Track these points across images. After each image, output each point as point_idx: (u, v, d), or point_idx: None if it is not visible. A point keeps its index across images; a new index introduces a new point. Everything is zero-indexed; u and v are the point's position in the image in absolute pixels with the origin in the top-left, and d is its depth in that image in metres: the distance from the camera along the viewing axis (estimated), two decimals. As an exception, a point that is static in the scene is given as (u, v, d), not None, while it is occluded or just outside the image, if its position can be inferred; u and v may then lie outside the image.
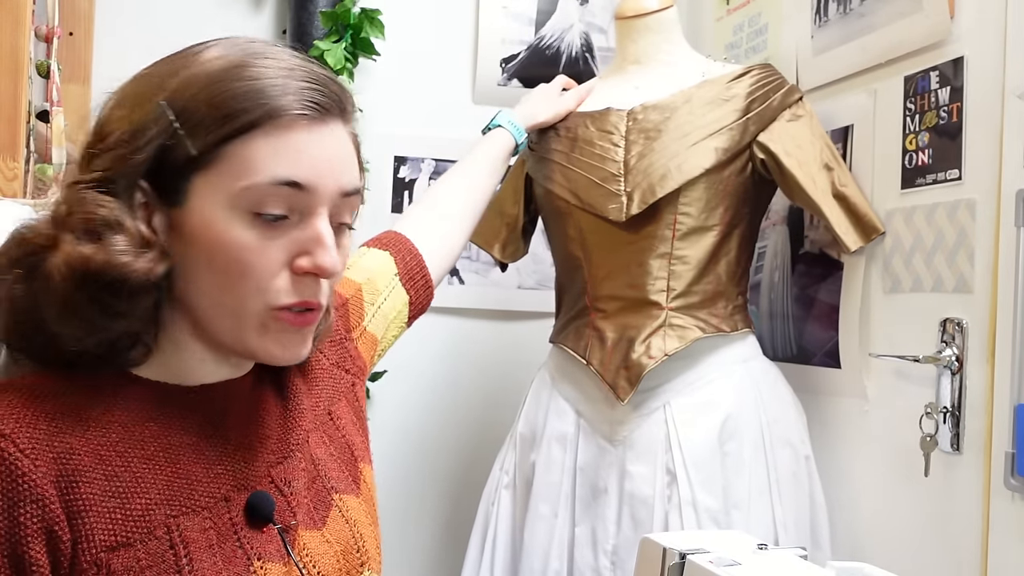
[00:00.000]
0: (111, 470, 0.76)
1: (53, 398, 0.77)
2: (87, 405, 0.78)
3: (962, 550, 1.40)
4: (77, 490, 0.73)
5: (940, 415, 1.43)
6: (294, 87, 0.78)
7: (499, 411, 2.15)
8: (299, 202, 0.78)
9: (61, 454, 0.74)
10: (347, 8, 2.09)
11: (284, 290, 0.79)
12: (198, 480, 0.81)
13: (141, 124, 0.77)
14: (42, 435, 0.74)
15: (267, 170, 0.76)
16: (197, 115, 0.76)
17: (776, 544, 1.53)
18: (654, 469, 1.57)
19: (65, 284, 0.75)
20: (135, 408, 0.80)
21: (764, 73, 1.66)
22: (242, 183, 0.76)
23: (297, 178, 0.77)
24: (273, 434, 0.90)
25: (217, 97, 0.77)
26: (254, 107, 0.76)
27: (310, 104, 0.78)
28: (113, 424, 0.78)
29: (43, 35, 1.60)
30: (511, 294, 2.31)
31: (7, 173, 1.39)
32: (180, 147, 0.77)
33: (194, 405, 0.83)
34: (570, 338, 1.70)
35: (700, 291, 1.61)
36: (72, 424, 0.76)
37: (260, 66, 0.79)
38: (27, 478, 0.71)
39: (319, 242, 0.79)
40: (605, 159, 1.65)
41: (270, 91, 0.77)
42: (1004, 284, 1.35)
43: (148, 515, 0.76)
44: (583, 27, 2.33)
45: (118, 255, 0.75)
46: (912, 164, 1.53)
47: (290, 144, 0.77)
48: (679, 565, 0.90)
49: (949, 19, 1.46)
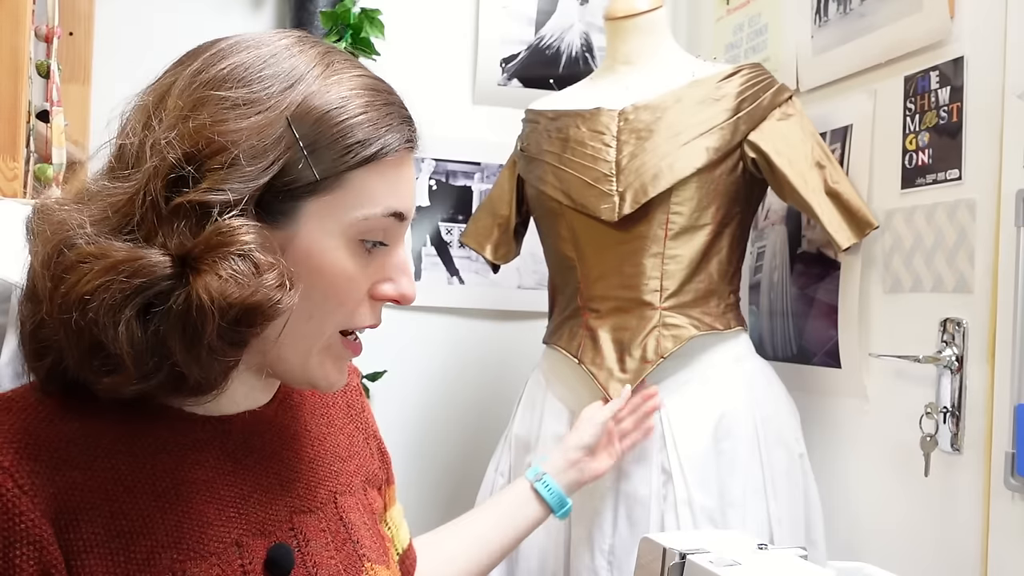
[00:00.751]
0: (117, 507, 0.71)
1: (60, 422, 0.72)
2: (96, 432, 0.73)
3: (962, 550, 1.40)
4: (78, 529, 0.69)
5: (940, 415, 1.43)
6: (398, 119, 0.80)
7: (499, 411, 2.15)
8: (395, 231, 0.81)
9: (63, 489, 0.69)
10: (347, 8, 2.10)
11: (364, 314, 0.81)
12: (209, 522, 0.76)
13: (268, 140, 0.73)
14: (44, 468, 0.69)
15: (384, 202, 0.78)
16: (322, 141, 0.75)
17: (772, 542, 1.53)
18: (649, 469, 1.58)
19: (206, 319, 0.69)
20: (148, 436, 0.75)
21: (754, 72, 1.66)
22: (359, 213, 0.77)
23: (403, 210, 0.80)
24: (301, 479, 0.86)
25: (341, 127, 0.76)
26: (373, 141, 0.77)
27: (410, 139, 0.81)
28: (122, 454, 0.73)
29: (43, 35, 1.59)
30: (510, 294, 2.31)
31: (7, 173, 1.39)
32: (303, 170, 0.74)
33: (211, 438, 0.79)
34: (563, 338, 1.70)
35: (692, 290, 1.62)
36: (78, 453, 0.71)
37: (371, 96, 0.79)
38: (24, 517, 0.67)
39: (404, 270, 0.82)
40: (597, 159, 1.65)
41: (383, 124, 0.78)
42: (1004, 284, 1.35)
43: (153, 559, 0.71)
44: (583, 27, 2.34)
45: (273, 290, 0.71)
46: (912, 164, 1.53)
47: (400, 177, 0.80)
48: (679, 565, 0.90)
49: (949, 19, 1.46)
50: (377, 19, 2.13)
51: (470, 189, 2.28)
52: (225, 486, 0.78)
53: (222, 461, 0.79)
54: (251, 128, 0.72)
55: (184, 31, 2.17)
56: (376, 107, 0.78)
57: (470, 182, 2.29)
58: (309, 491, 0.86)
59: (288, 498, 0.83)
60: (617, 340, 1.62)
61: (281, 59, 0.77)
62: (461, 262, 2.26)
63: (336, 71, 0.79)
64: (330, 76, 0.78)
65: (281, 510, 0.82)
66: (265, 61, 0.77)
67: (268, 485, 0.82)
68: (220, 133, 0.72)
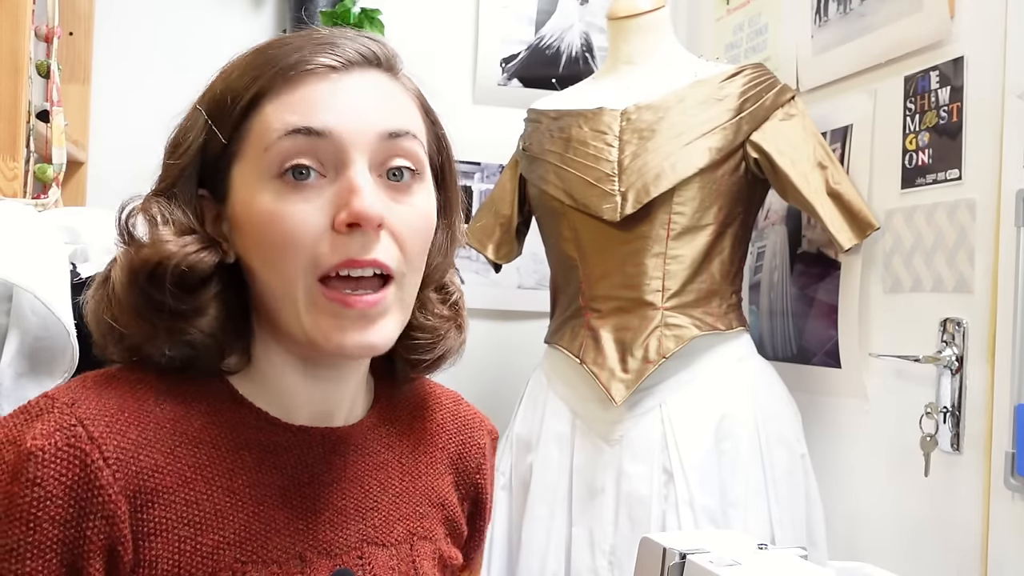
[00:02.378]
0: (192, 496, 0.71)
1: (153, 404, 0.73)
2: (185, 417, 0.73)
3: (962, 550, 1.40)
4: (151, 511, 0.69)
5: (940, 415, 1.43)
6: (309, 46, 0.75)
7: (499, 411, 2.13)
8: (326, 154, 0.72)
9: (145, 469, 0.69)
10: (347, 8, 2.10)
11: (326, 253, 0.72)
12: (277, 530, 0.74)
13: (182, 130, 0.77)
14: (130, 445, 0.69)
15: (280, 124, 0.72)
16: (221, 103, 0.75)
17: (773, 542, 1.53)
18: (651, 469, 1.58)
19: (120, 285, 0.73)
20: (233, 431, 0.75)
21: (756, 73, 1.66)
22: (262, 148, 0.73)
23: (311, 124, 0.72)
24: (380, 510, 0.82)
25: (235, 79, 0.75)
26: (263, 74, 0.74)
27: (326, 56, 0.74)
28: (206, 445, 0.73)
29: (43, 35, 1.59)
30: (511, 294, 2.31)
31: (7, 173, 1.39)
32: (214, 140, 0.75)
33: (291, 445, 0.77)
34: (565, 338, 1.70)
35: (694, 290, 1.62)
36: (164, 437, 0.72)
37: (279, 43, 0.76)
38: (104, 491, 0.67)
39: (352, 189, 0.71)
40: (599, 159, 1.65)
41: (282, 58, 0.74)
42: (1004, 284, 1.35)
43: (217, 554, 0.71)
44: (583, 27, 2.33)
45: (158, 244, 0.73)
46: (912, 164, 1.53)
47: (303, 96, 0.73)
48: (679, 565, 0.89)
49: (949, 19, 1.46)
50: (377, 19, 2.13)
51: (470, 189, 2.28)
52: (299, 497, 0.77)
53: (300, 471, 0.77)
54: (181, 126, 0.78)
55: (184, 31, 2.18)
56: (281, 47, 0.75)
57: (470, 182, 2.29)
58: (387, 525, 0.82)
59: (362, 525, 0.80)
60: (619, 340, 1.62)
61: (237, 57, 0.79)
62: (461, 262, 2.25)
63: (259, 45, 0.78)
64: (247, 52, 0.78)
65: (352, 536, 0.79)
66: None
67: (342, 507, 0.79)
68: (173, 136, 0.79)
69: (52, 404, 0.70)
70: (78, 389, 0.72)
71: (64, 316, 1.05)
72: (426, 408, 0.91)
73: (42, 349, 1.09)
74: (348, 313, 0.73)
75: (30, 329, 1.08)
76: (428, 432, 0.90)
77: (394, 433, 0.87)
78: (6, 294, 1.09)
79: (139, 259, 0.73)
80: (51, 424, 0.68)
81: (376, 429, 0.85)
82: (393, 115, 0.76)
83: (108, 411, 0.70)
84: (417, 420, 0.89)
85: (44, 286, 1.05)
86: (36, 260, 1.09)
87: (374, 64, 0.77)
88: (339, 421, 0.82)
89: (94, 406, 0.70)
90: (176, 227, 0.74)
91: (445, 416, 0.93)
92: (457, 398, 0.97)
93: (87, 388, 0.72)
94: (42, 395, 0.71)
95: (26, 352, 1.09)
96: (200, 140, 0.75)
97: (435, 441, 0.90)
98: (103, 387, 0.72)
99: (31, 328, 1.08)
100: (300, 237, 0.71)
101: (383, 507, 0.82)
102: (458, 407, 0.95)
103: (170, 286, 0.72)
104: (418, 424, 0.89)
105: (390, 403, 0.88)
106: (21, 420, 0.69)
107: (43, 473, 0.66)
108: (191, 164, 0.76)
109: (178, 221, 0.74)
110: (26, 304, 1.08)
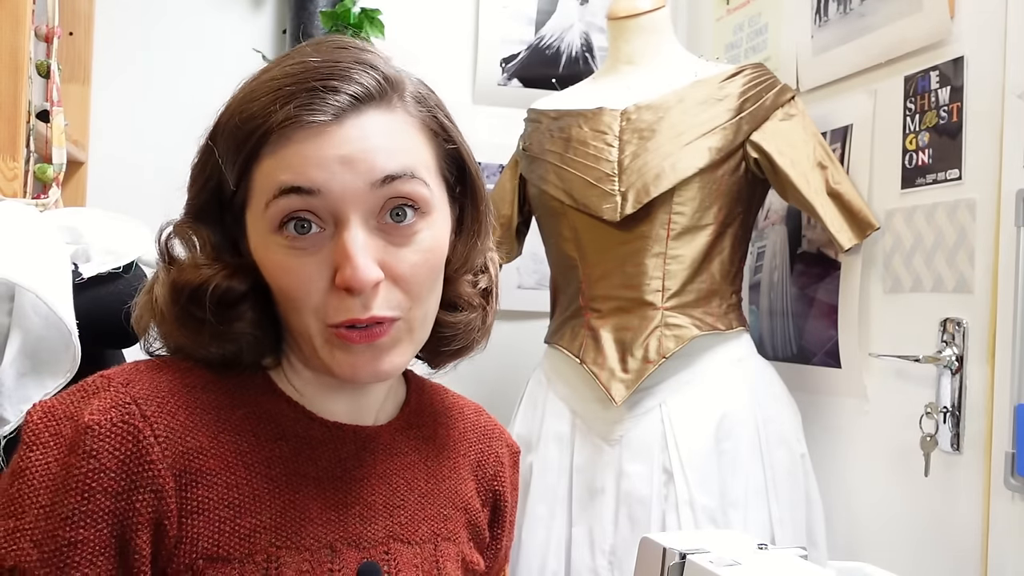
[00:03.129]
0: (233, 480, 0.75)
1: (201, 391, 0.77)
2: (229, 406, 0.77)
3: (962, 550, 1.41)
4: (195, 490, 0.73)
5: (940, 415, 1.44)
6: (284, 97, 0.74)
7: (499, 411, 2.13)
8: (322, 208, 0.74)
9: (191, 450, 0.73)
10: (347, 8, 2.10)
11: (332, 308, 0.75)
12: (311, 519, 0.77)
13: (201, 164, 0.79)
14: (179, 426, 0.73)
15: (274, 183, 0.74)
16: (226, 148, 0.76)
17: (773, 542, 1.53)
18: (651, 469, 1.58)
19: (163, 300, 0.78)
20: (273, 422, 0.79)
21: (756, 72, 1.66)
22: (263, 204, 0.75)
23: (300, 183, 0.73)
24: (406, 508, 0.84)
25: (233, 125, 0.75)
26: (257, 127, 0.74)
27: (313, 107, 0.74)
28: (247, 433, 0.77)
29: (43, 35, 1.59)
30: (511, 294, 2.31)
31: (7, 173, 1.39)
32: (226, 186, 0.77)
33: (326, 439, 0.81)
34: (565, 338, 1.71)
35: (694, 290, 1.62)
36: (210, 422, 0.75)
37: (269, 79, 0.76)
38: (154, 467, 0.71)
39: (343, 254, 0.73)
40: (599, 159, 1.65)
41: (270, 106, 0.74)
42: (1004, 284, 1.35)
43: (254, 536, 0.74)
44: (583, 27, 2.34)
45: (194, 268, 0.77)
46: (912, 164, 1.53)
47: (294, 152, 0.74)
48: (679, 565, 0.89)
49: (949, 19, 1.46)
50: (377, 19, 2.13)
51: (474, 175, 2.28)
52: (332, 489, 0.80)
53: (333, 465, 0.81)
54: (196, 160, 0.79)
55: (184, 31, 2.18)
56: (261, 96, 0.75)
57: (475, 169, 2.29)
58: (412, 523, 0.85)
59: (388, 522, 0.83)
60: (619, 340, 1.62)
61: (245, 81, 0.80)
62: (461, 262, 2.26)
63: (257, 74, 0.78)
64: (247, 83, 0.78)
65: (379, 531, 0.82)
66: None
67: (372, 503, 0.82)
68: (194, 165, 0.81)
69: (108, 383, 0.73)
70: (132, 371, 0.76)
71: (66, 316, 1.05)
72: (450, 417, 0.94)
73: (44, 349, 1.10)
74: (358, 347, 0.76)
75: (32, 329, 1.08)
76: (451, 439, 0.93)
77: (420, 437, 0.89)
78: (8, 294, 1.09)
79: (181, 280, 0.77)
80: (107, 401, 0.72)
81: (404, 432, 0.88)
82: (389, 158, 0.75)
83: (160, 393, 0.74)
84: (441, 427, 0.92)
85: (46, 286, 1.05)
86: (38, 260, 1.09)
87: (370, 102, 0.76)
88: (369, 421, 0.85)
89: (147, 387, 0.74)
90: (212, 251, 0.78)
91: (467, 425, 0.96)
92: (479, 409, 1.00)
93: (141, 371, 0.76)
94: (98, 375, 0.75)
95: (28, 352, 1.09)
96: (215, 181, 0.78)
97: (457, 448, 0.93)
98: (156, 371, 0.76)
99: (33, 328, 1.08)
100: (306, 293, 0.75)
101: (410, 506, 0.85)
102: (479, 417, 0.98)
103: (210, 304, 0.76)
104: (442, 431, 0.92)
105: (418, 408, 0.91)
106: (78, 397, 0.73)
107: (99, 446, 0.69)
108: (212, 199, 0.79)
109: (214, 245, 0.79)
110: (28, 304, 1.09)
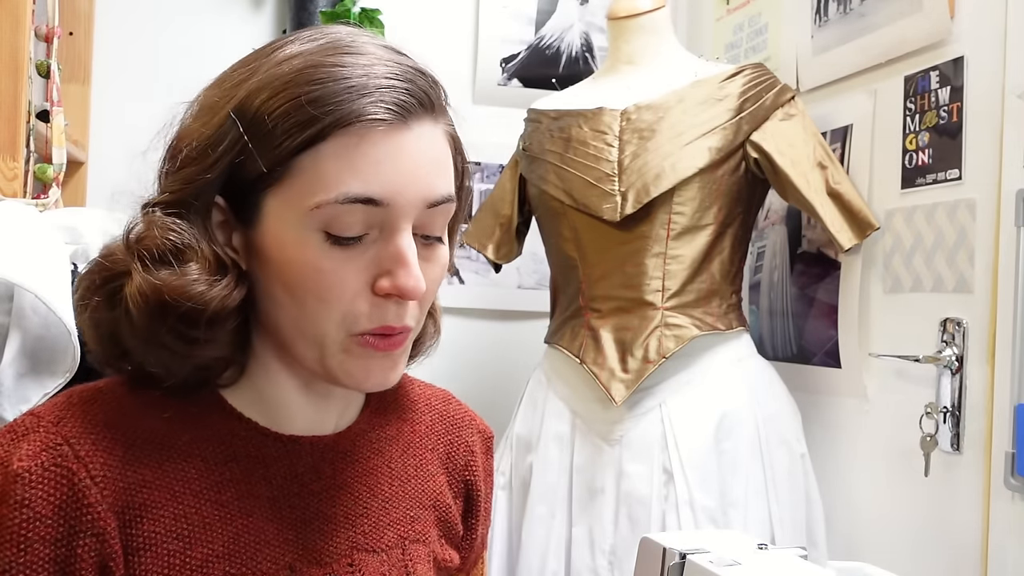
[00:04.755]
0: (180, 510, 0.71)
1: (141, 418, 0.72)
2: (172, 432, 0.73)
3: (962, 550, 1.41)
4: (140, 525, 0.69)
5: (940, 415, 1.44)
6: (372, 87, 0.69)
7: (499, 411, 2.14)
8: (377, 218, 0.70)
9: (133, 485, 0.69)
10: (347, 8, 2.10)
11: (364, 315, 0.71)
12: (267, 541, 0.74)
13: (211, 139, 0.71)
14: (117, 462, 0.69)
15: (339, 186, 0.69)
16: (265, 126, 0.69)
17: (773, 542, 1.53)
18: (651, 468, 1.58)
19: (141, 315, 0.70)
20: (223, 443, 0.75)
21: (756, 72, 1.66)
22: (313, 200, 0.69)
23: (372, 194, 0.69)
24: (370, 516, 0.81)
25: (285, 105, 0.69)
26: (324, 115, 0.68)
27: (388, 107, 0.69)
28: (195, 458, 0.73)
29: (43, 35, 1.59)
30: (511, 294, 2.31)
31: (7, 173, 1.39)
32: (251, 162, 0.70)
33: (280, 455, 0.77)
34: (565, 338, 1.71)
35: (694, 290, 1.62)
36: (152, 452, 0.71)
37: (332, 65, 0.70)
38: (92, 509, 0.67)
39: (400, 261, 0.71)
40: (599, 159, 1.65)
41: (342, 95, 0.69)
42: (1004, 284, 1.35)
43: (207, 567, 0.71)
44: (583, 27, 2.34)
45: (191, 284, 0.70)
46: (912, 164, 1.53)
47: (365, 155, 0.69)
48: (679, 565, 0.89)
49: (949, 19, 1.46)
50: (377, 19, 2.13)
51: (470, 189, 2.28)
52: (288, 507, 0.76)
53: (288, 482, 0.77)
54: (198, 129, 0.73)
55: (184, 31, 2.18)
56: (339, 78, 0.70)
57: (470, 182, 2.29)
58: (377, 530, 0.82)
59: (351, 533, 0.80)
60: (619, 340, 1.62)
61: (259, 52, 0.75)
62: (461, 262, 2.26)
63: (300, 52, 0.72)
64: (296, 55, 0.71)
65: (342, 544, 0.79)
66: (244, 57, 0.75)
67: (332, 515, 0.79)
68: (180, 137, 0.74)
69: (38, 423, 0.70)
70: (64, 407, 0.72)
71: (65, 316, 1.05)
72: (416, 411, 0.91)
73: (43, 349, 1.09)
74: (376, 355, 0.74)
75: (31, 329, 1.08)
76: (417, 435, 0.90)
77: (383, 438, 0.86)
78: (7, 294, 1.09)
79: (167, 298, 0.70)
80: (37, 444, 0.68)
81: (366, 435, 0.85)
82: (439, 178, 0.74)
83: (95, 428, 0.70)
84: (406, 423, 0.89)
85: (45, 286, 1.05)
86: (37, 260, 1.09)
87: (428, 109, 0.74)
88: (329, 429, 0.82)
89: (80, 423, 0.70)
90: (204, 264, 0.71)
91: (434, 418, 0.92)
92: (447, 397, 0.96)
93: (73, 405, 0.72)
94: (28, 413, 0.72)
95: (28, 352, 1.09)
96: (231, 157, 0.71)
97: (425, 443, 0.90)
98: (89, 403, 0.72)
99: (32, 328, 1.08)
100: (338, 295, 0.71)
101: (373, 513, 0.82)
102: (447, 407, 0.95)
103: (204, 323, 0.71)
104: (407, 427, 0.89)
105: (380, 407, 0.87)
106: (7, 440, 0.69)
107: (31, 495, 0.66)
108: (219, 178, 0.72)
109: (205, 255, 0.72)
110: (27, 304, 1.08)
